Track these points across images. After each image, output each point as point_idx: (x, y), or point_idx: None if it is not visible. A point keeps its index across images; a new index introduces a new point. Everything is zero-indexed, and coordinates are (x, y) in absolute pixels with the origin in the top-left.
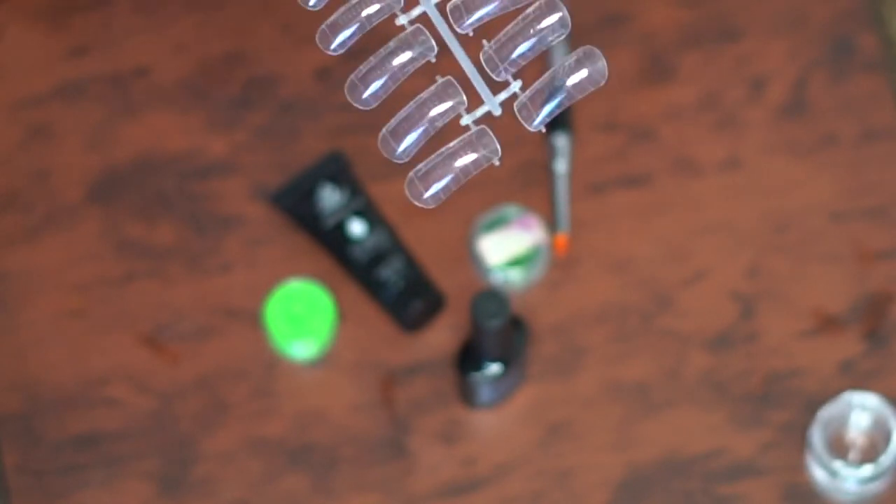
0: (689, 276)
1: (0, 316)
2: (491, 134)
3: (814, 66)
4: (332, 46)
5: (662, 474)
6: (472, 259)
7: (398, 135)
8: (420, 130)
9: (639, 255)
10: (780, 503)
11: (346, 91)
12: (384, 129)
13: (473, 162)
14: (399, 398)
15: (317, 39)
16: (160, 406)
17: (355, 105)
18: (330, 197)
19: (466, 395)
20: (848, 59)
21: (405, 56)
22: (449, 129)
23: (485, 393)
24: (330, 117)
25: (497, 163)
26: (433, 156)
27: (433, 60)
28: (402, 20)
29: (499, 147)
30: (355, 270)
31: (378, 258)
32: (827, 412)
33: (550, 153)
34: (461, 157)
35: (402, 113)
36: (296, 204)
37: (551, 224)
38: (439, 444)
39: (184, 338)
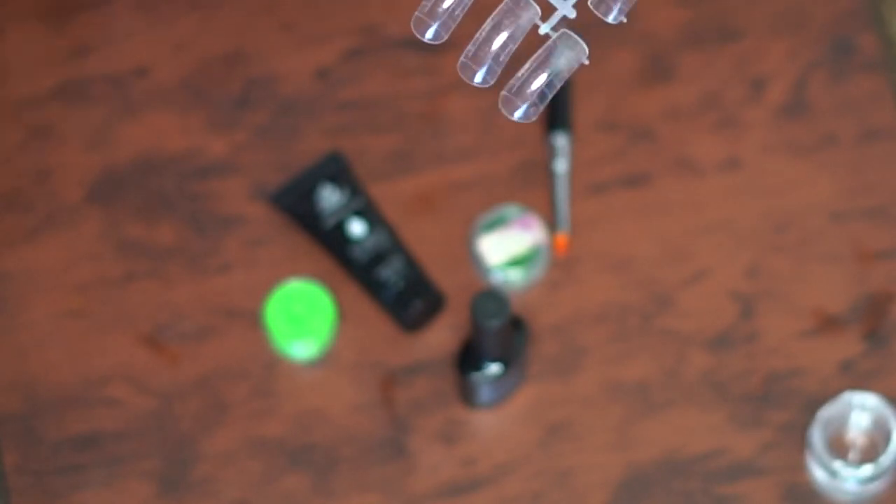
0: (689, 276)
1: (0, 316)
2: (574, 35)
3: (814, 67)
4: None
5: (662, 474)
6: (472, 259)
7: (479, 59)
8: (499, 50)
9: (639, 255)
10: (780, 503)
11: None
12: (463, 57)
13: (566, 67)
14: (399, 398)
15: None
16: (160, 406)
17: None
18: (330, 197)
19: (466, 395)
20: (848, 60)
21: (556, 65)
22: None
23: (485, 393)
24: (330, 117)
25: (586, 61)
26: (522, 70)
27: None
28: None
29: (586, 46)
30: (355, 270)
31: (378, 258)
32: (827, 412)
33: (550, 153)
34: (550, 64)
35: (479, 36)
36: (296, 204)
37: (551, 224)
38: (439, 444)
39: (184, 338)
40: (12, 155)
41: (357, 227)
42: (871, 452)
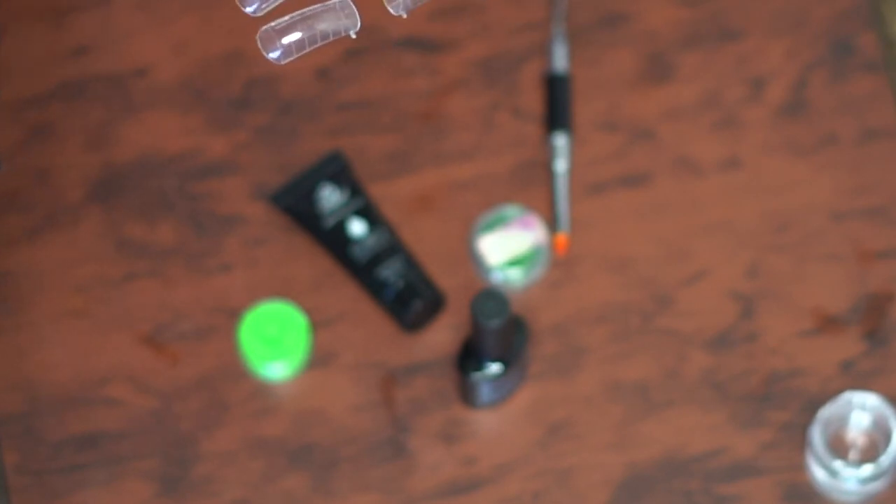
0: (689, 276)
1: (0, 316)
2: (353, 6)
3: (814, 66)
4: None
5: (662, 474)
6: (472, 259)
7: None
8: None
9: (639, 255)
10: (780, 503)
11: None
12: None
13: (332, 28)
14: (399, 398)
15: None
16: (160, 406)
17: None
18: (330, 197)
19: (467, 395)
20: (848, 59)
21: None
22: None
23: (485, 393)
24: (330, 117)
25: (353, 35)
26: (293, 14)
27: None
28: None
29: (359, 19)
30: (355, 270)
31: (378, 258)
32: (827, 412)
33: (550, 153)
34: (321, 21)
35: None
36: (296, 204)
37: (551, 224)
38: (439, 444)
39: (184, 338)
40: (12, 155)
41: (357, 227)
42: (872, 452)
